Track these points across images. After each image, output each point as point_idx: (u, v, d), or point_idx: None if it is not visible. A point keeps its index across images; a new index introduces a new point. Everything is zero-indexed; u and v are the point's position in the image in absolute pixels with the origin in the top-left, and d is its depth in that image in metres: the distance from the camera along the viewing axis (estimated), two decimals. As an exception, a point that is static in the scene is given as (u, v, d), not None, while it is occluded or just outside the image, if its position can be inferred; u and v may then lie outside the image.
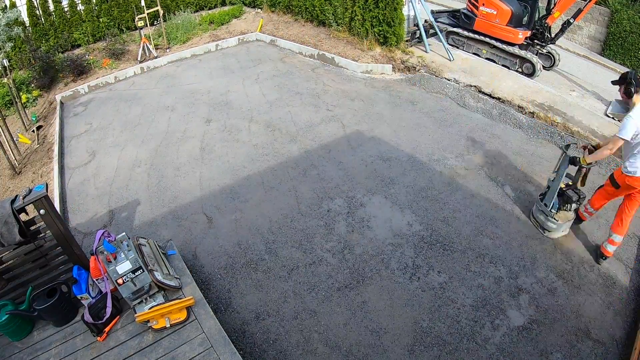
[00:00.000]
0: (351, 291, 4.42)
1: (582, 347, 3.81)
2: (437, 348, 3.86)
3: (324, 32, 10.22)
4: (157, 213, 5.67)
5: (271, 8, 11.89)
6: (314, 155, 6.44)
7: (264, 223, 5.34)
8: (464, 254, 4.74)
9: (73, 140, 7.52)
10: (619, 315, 4.07)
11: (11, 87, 8.14)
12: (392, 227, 5.14)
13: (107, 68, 9.81)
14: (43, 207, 3.43)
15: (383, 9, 8.52)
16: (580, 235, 4.91)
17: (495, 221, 5.13)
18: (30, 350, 3.52)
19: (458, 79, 8.06)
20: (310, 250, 4.92)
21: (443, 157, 6.23)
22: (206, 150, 6.80)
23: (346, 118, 7.29)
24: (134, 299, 3.62)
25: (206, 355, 3.37)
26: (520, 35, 8.15)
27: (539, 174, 5.83)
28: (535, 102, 7.20)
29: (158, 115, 7.95)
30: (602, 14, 9.64)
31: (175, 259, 4.27)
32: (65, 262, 3.91)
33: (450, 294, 4.32)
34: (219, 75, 9.29)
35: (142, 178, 6.34)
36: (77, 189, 6.29)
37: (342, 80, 8.62)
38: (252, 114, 7.64)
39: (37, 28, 10.22)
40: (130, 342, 3.51)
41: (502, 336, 3.92)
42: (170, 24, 11.31)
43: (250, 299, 4.44)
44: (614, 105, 7.24)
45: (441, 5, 12.02)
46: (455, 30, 9.20)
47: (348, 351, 3.89)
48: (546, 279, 4.42)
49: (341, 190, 5.74)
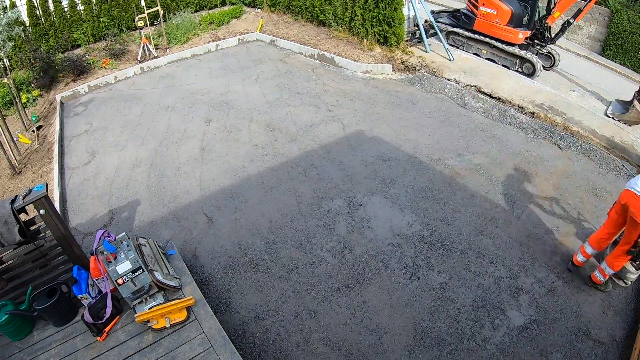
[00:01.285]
0: (351, 291, 4.42)
1: (582, 347, 3.81)
2: (437, 348, 3.86)
3: (324, 32, 10.22)
4: (157, 213, 5.67)
5: (271, 8, 11.89)
6: (314, 155, 6.44)
7: (264, 223, 5.34)
8: (464, 254, 4.74)
9: (73, 140, 7.52)
10: (619, 315, 4.07)
11: (11, 87, 8.14)
12: (392, 227, 5.14)
13: (107, 68, 9.81)
14: (43, 207, 3.43)
15: (383, 9, 8.52)
16: (580, 235, 4.92)
17: (495, 221, 5.13)
18: (30, 350, 3.52)
19: (458, 79, 8.06)
20: (310, 250, 4.92)
21: (443, 157, 6.23)
22: (206, 150, 6.80)
23: (346, 118, 7.29)
24: (134, 299, 3.62)
25: (206, 355, 3.37)
26: (520, 35, 8.16)
27: (539, 174, 5.84)
28: (535, 102, 7.20)
29: (158, 115, 7.95)
30: (602, 14, 9.65)
31: (175, 259, 4.27)
32: (65, 262, 3.91)
33: (450, 294, 4.32)
34: (219, 75, 9.29)
35: (142, 178, 6.34)
36: (77, 189, 6.29)
37: (342, 80, 8.62)
38: (252, 114, 7.64)
39: (37, 28, 10.21)
40: (130, 342, 3.51)
41: (502, 336, 3.92)
42: (170, 24, 11.31)
43: (250, 299, 4.44)
44: (614, 105, 7.24)
45: (441, 5, 12.03)
46: (455, 30, 9.21)
47: (348, 351, 3.88)
48: (546, 279, 4.42)
49: (341, 190, 5.74)
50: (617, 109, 7.10)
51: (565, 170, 5.92)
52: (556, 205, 5.33)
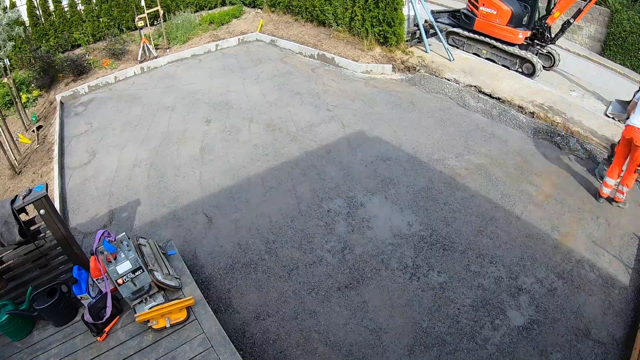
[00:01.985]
0: (351, 291, 4.42)
1: (582, 347, 3.81)
2: (437, 348, 3.86)
3: (324, 32, 10.22)
4: (157, 213, 5.67)
5: (271, 8, 11.89)
6: (314, 155, 6.44)
7: (264, 223, 5.34)
8: (464, 254, 4.74)
9: (73, 140, 7.52)
10: (619, 315, 4.07)
11: (11, 87, 8.14)
12: (392, 227, 5.14)
13: (107, 68, 9.80)
14: (43, 207, 3.43)
15: (383, 9, 8.52)
16: (580, 235, 4.92)
17: (495, 221, 5.13)
18: (30, 350, 3.52)
19: (458, 79, 8.05)
20: (310, 250, 4.92)
21: (443, 157, 6.23)
22: (206, 150, 6.80)
23: (346, 118, 7.29)
24: (134, 299, 3.62)
25: (206, 355, 3.37)
26: (520, 36, 8.15)
27: (539, 174, 5.84)
28: (535, 102, 7.20)
29: (158, 115, 7.95)
30: (602, 14, 9.64)
31: (175, 259, 4.27)
32: (65, 262, 3.91)
33: (450, 294, 4.32)
34: (219, 76, 9.29)
35: (142, 178, 6.34)
36: (77, 189, 6.29)
37: (342, 80, 8.62)
38: (252, 114, 7.64)
39: (37, 28, 10.21)
40: (130, 342, 3.51)
41: (502, 336, 3.92)
42: (170, 24, 11.30)
43: (250, 299, 4.44)
44: (614, 105, 7.24)
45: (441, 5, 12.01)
46: (455, 30, 9.20)
47: (348, 351, 3.88)
48: (546, 279, 4.42)
49: (341, 190, 5.74)
50: (617, 109, 7.10)
51: (565, 170, 5.92)
52: (556, 205, 5.33)
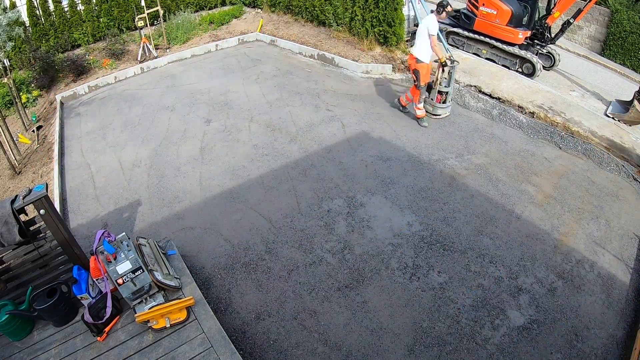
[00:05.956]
0: (351, 291, 4.42)
1: (582, 347, 3.81)
2: (437, 348, 3.86)
3: (324, 32, 10.22)
4: (157, 213, 5.67)
5: (271, 8, 11.89)
6: (314, 156, 6.44)
7: (264, 223, 5.34)
8: (464, 254, 4.74)
9: (73, 140, 7.52)
10: (619, 315, 4.07)
11: (11, 87, 8.14)
12: (392, 227, 5.14)
13: (107, 68, 9.81)
14: (43, 207, 3.44)
15: (383, 9, 8.52)
16: (580, 235, 4.92)
17: (495, 221, 5.13)
18: (30, 350, 3.52)
19: (458, 79, 8.05)
20: (310, 250, 4.92)
21: (443, 157, 6.23)
22: (206, 150, 6.80)
23: (346, 118, 7.29)
24: (134, 299, 3.62)
25: (206, 355, 3.37)
26: (520, 36, 8.15)
27: (539, 174, 5.84)
28: (535, 102, 7.20)
29: (158, 115, 7.95)
30: (602, 14, 9.64)
31: (175, 259, 4.27)
32: (65, 262, 3.92)
33: (450, 294, 4.32)
34: (219, 75, 9.29)
35: (142, 178, 6.34)
36: (77, 189, 6.29)
37: (342, 80, 8.62)
38: (252, 114, 7.64)
39: (37, 28, 10.21)
40: (130, 342, 3.51)
41: (502, 336, 3.92)
42: (170, 24, 11.31)
43: (250, 299, 4.44)
44: (614, 105, 7.24)
45: (441, 5, 11.99)
46: (455, 30, 9.20)
47: (348, 351, 3.88)
48: (546, 279, 4.43)
49: (341, 191, 5.74)
50: (617, 109, 7.09)
51: (565, 170, 5.92)
52: (556, 205, 5.33)
